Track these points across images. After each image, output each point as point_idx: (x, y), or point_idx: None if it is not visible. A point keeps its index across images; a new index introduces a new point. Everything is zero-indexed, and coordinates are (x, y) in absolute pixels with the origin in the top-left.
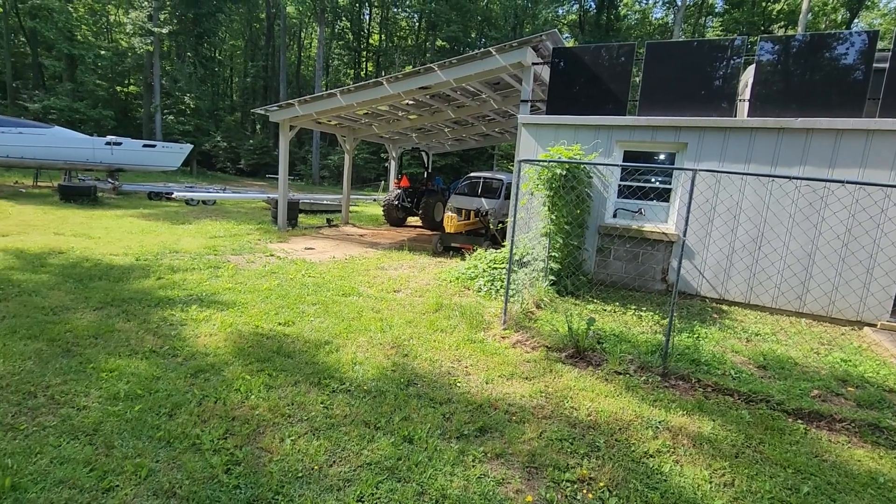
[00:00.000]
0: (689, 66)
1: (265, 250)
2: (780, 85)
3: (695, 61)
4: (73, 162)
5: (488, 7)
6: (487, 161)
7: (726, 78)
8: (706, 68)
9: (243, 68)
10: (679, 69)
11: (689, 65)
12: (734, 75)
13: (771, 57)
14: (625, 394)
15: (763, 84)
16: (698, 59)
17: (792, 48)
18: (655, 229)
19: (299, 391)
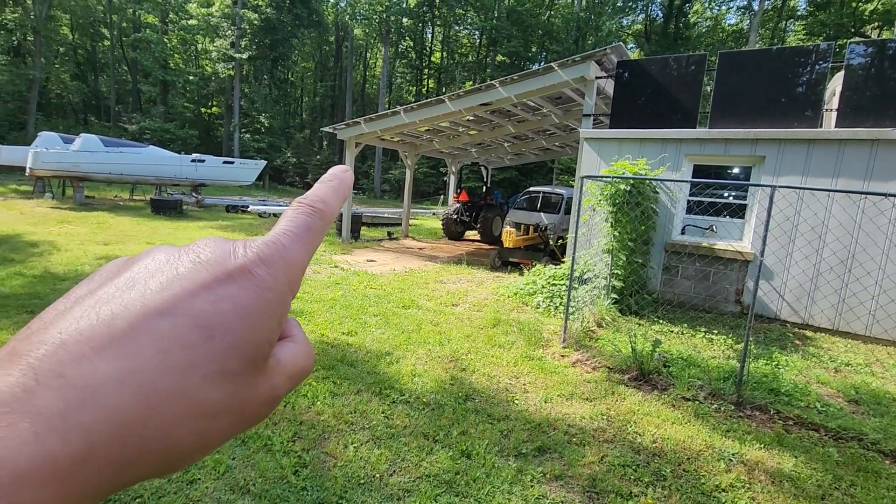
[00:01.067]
0: (767, 74)
1: (330, 261)
2: (874, 92)
3: (774, 69)
4: (164, 178)
5: (549, 21)
6: (547, 175)
7: (810, 86)
8: (787, 76)
9: (313, 88)
10: (756, 78)
11: (767, 73)
12: (819, 83)
13: (863, 61)
14: (694, 421)
15: (854, 91)
16: (778, 66)
17: (888, 51)
18: (729, 247)
19: (362, 400)
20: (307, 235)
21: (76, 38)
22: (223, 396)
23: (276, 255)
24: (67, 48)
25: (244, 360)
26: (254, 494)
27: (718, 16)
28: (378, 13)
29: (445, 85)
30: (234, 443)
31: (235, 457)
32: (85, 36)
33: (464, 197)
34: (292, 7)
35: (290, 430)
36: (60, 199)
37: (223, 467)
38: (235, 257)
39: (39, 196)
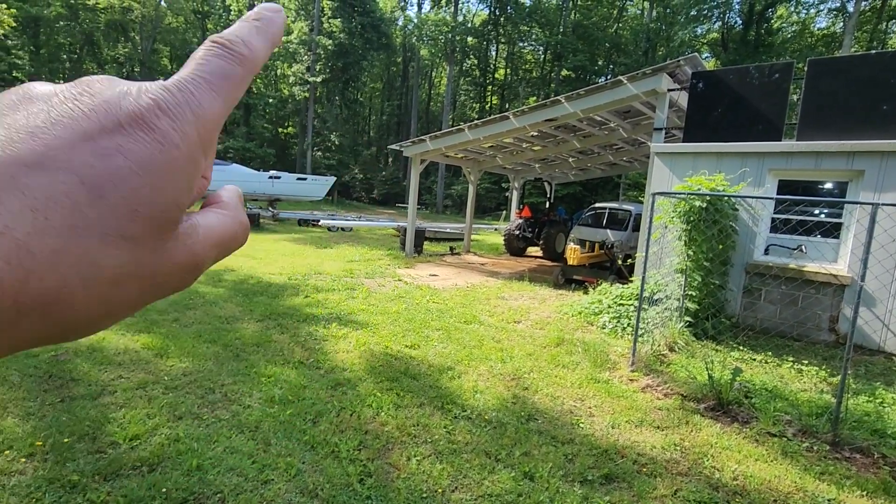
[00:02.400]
0: (866, 81)
1: (394, 275)
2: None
3: (874, 75)
4: (244, 193)
5: (617, 33)
6: (613, 191)
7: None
8: (890, 82)
9: (380, 107)
10: (852, 86)
11: (866, 80)
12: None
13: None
14: (781, 460)
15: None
16: (879, 72)
17: None
18: (821, 270)
19: (424, 413)
20: (223, 84)
21: (174, 67)
22: (123, 262)
23: (183, 104)
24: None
25: (146, 224)
26: (322, 499)
27: (806, 20)
28: (444, 33)
29: (509, 101)
30: (304, 447)
31: (305, 461)
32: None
33: (526, 213)
34: (363, 32)
35: (356, 439)
36: None
37: (294, 470)
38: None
39: None
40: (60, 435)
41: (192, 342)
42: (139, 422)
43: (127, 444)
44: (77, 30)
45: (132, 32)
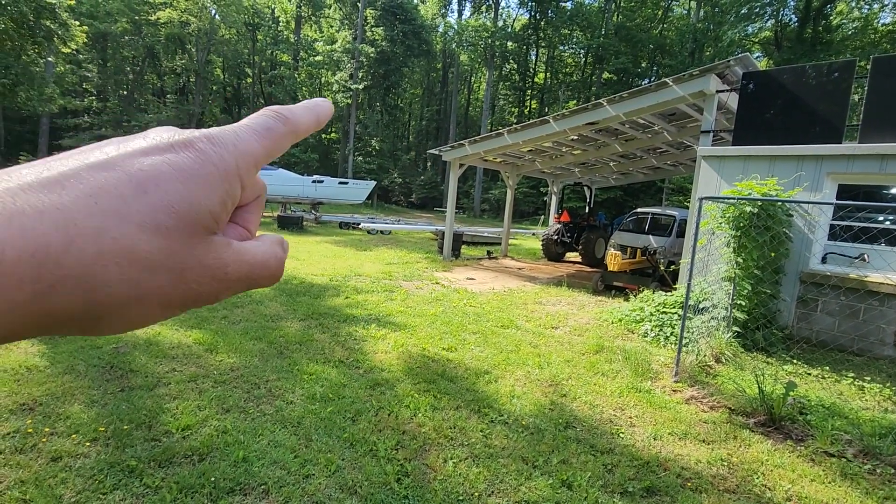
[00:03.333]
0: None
1: (431, 278)
2: None
3: None
4: (289, 196)
5: (662, 35)
6: (655, 195)
7: None
8: None
9: (420, 112)
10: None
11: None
12: None
13: None
14: (839, 481)
15: None
16: None
17: None
18: (887, 280)
19: (461, 416)
20: (266, 133)
21: (226, 77)
22: (155, 249)
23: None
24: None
25: (179, 219)
26: (360, 496)
27: (869, 15)
28: (483, 38)
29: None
30: (344, 444)
31: (345, 458)
32: (232, 75)
33: (565, 217)
34: (405, 39)
35: (394, 439)
36: None
37: (334, 466)
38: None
39: None
40: (120, 422)
41: (239, 339)
42: (190, 413)
43: (179, 434)
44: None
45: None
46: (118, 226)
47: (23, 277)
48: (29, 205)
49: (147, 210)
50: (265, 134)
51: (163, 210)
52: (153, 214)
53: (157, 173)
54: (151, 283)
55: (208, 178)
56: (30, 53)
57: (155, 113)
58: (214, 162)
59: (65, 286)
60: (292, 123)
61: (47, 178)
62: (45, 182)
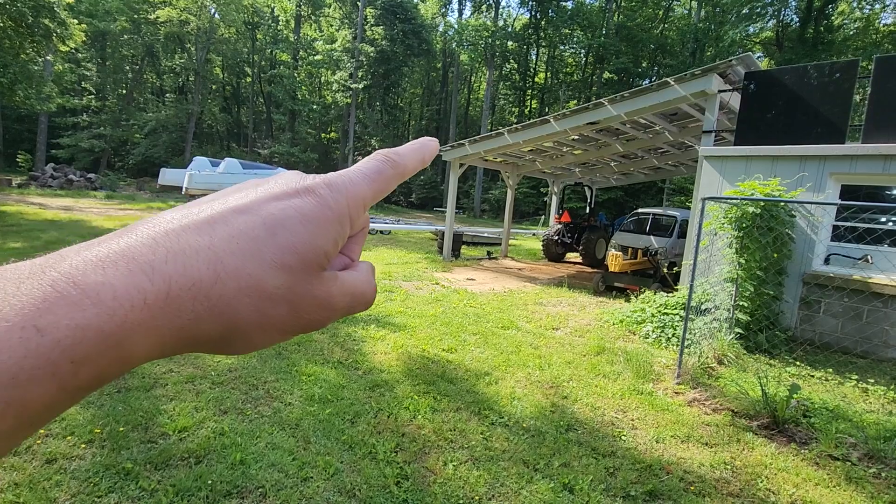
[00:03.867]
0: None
1: (431, 278)
2: None
3: None
4: None
5: (663, 34)
6: (656, 196)
7: None
8: None
9: (420, 112)
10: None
11: None
12: None
13: None
14: (845, 486)
15: None
16: None
17: None
18: (891, 282)
19: (461, 418)
20: (376, 177)
21: (225, 76)
22: (280, 284)
23: (342, 183)
24: (218, 85)
25: (300, 259)
26: (359, 500)
27: (870, 15)
28: (484, 38)
29: (548, 105)
30: (342, 447)
31: (343, 461)
32: (232, 74)
33: (566, 218)
34: (405, 38)
35: (393, 441)
36: None
37: (332, 469)
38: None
39: None
40: (116, 424)
41: None
42: (187, 414)
43: (176, 436)
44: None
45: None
46: (253, 265)
47: (182, 307)
48: (188, 244)
49: (275, 251)
50: (375, 178)
51: (288, 251)
52: (280, 255)
53: (285, 217)
54: (273, 313)
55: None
56: (28, 52)
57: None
58: (331, 206)
59: (211, 315)
60: (401, 166)
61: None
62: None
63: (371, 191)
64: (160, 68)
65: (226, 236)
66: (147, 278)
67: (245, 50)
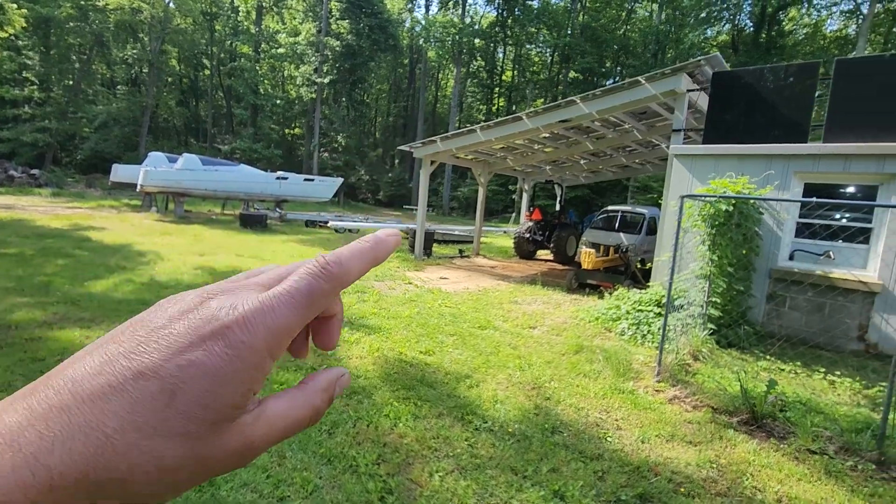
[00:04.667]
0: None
1: (404, 278)
2: None
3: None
4: (252, 194)
5: (626, 35)
6: (621, 193)
7: None
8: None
9: (387, 109)
10: (882, 88)
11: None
12: None
13: None
14: (825, 480)
15: None
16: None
17: None
18: (850, 276)
19: (444, 424)
20: (304, 301)
21: (182, 68)
22: (180, 454)
23: (260, 319)
24: (174, 78)
25: (202, 424)
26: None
27: (819, 21)
28: (451, 35)
29: (516, 103)
30: (321, 461)
31: (322, 476)
32: (189, 66)
33: (537, 215)
34: (371, 33)
35: (374, 452)
36: (163, 212)
37: (311, 486)
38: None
39: (147, 210)
40: None
41: None
42: None
43: None
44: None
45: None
46: (148, 440)
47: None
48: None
49: (175, 419)
50: (303, 302)
51: (189, 417)
52: (180, 423)
53: (187, 378)
54: (176, 478)
55: (234, 375)
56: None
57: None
58: (242, 356)
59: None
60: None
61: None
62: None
63: (298, 317)
64: (111, 59)
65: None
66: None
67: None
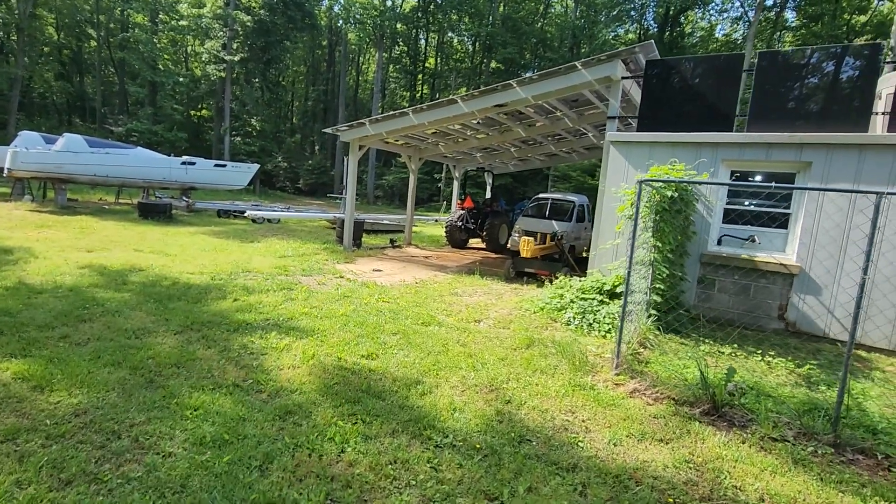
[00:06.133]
0: (811, 75)
1: (334, 271)
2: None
3: (820, 70)
4: (152, 180)
5: (543, 29)
6: (542, 182)
7: (859, 87)
8: (834, 76)
9: (305, 93)
10: (799, 79)
11: (811, 74)
12: (870, 84)
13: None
14: (794, 469)
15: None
16: (822, 66)
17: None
18: (771, 259)
19: (400, 444)
20: None
21: (61, 37)
22: None
23: None
24: (52, 48)
25: None
26: None
27: (713, 25)
28: (372, 17)
29: (439, 90)
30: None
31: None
32: (70, 36)
33: (469, 203)
34: (286, 9)
35: (322, 491)
36: (41, 201)
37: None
38: None
39: (18, 198)
40: None
41: (87, 367)
42: (3, 497)
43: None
44: None
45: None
46: None
47: None
48: None
49: None
50: None
51: None
52: None
53: None
54: None
55: None
56: None
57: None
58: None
59: None
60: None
61: None
62: None
63: None
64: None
65: None
66: None
67: (87, 7)
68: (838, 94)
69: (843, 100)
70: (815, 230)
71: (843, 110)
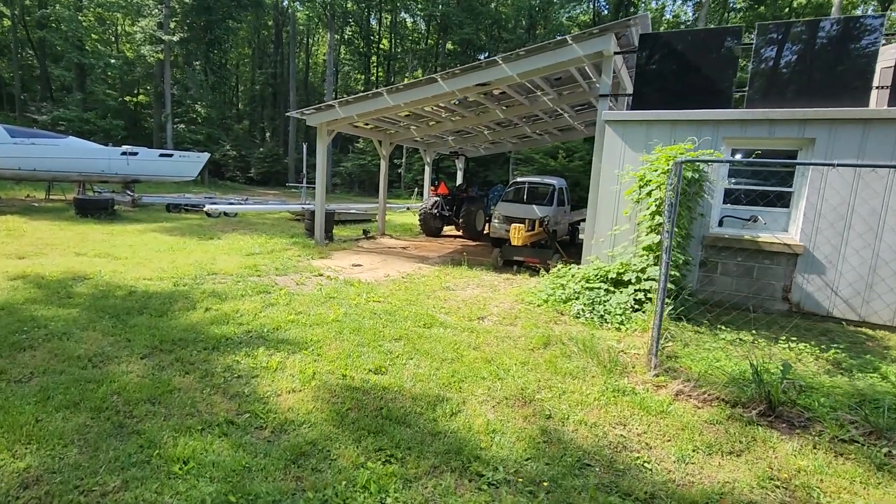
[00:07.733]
0: (814, 49)
1: (311, 269)
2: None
3: (822, 43)
4: (89, 174)
5: (498, 10)
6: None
7: (862, 62)
8: (837, 51)
9: (251, 76)
10: (801, 53)
11: (814, 48)
12: (871, 59)
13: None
14: (884, 478)
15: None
16: (825, 39)
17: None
18: (774, 239)
19: (447, 487)
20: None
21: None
22: None
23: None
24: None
25: None
26: None
27: (661, 6)
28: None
29: (395, 73)
30: None
31: None
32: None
33: (443, 190)
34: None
35: None
36: None
37: None
38: None
39: None
40: None
41: (33, 413)
42: None
43: None
44: None
45: None
46: None
47: None
48: None
49: None
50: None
51: None
52: None
53: None
54: None
55: None
56: None
57: None
58: None
59: None
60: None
61: None
62: None
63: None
64: None
65: None
66: None
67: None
68: (838, 68)
69: (844, 74)
70: (820, 206)
71: (847, 86)
